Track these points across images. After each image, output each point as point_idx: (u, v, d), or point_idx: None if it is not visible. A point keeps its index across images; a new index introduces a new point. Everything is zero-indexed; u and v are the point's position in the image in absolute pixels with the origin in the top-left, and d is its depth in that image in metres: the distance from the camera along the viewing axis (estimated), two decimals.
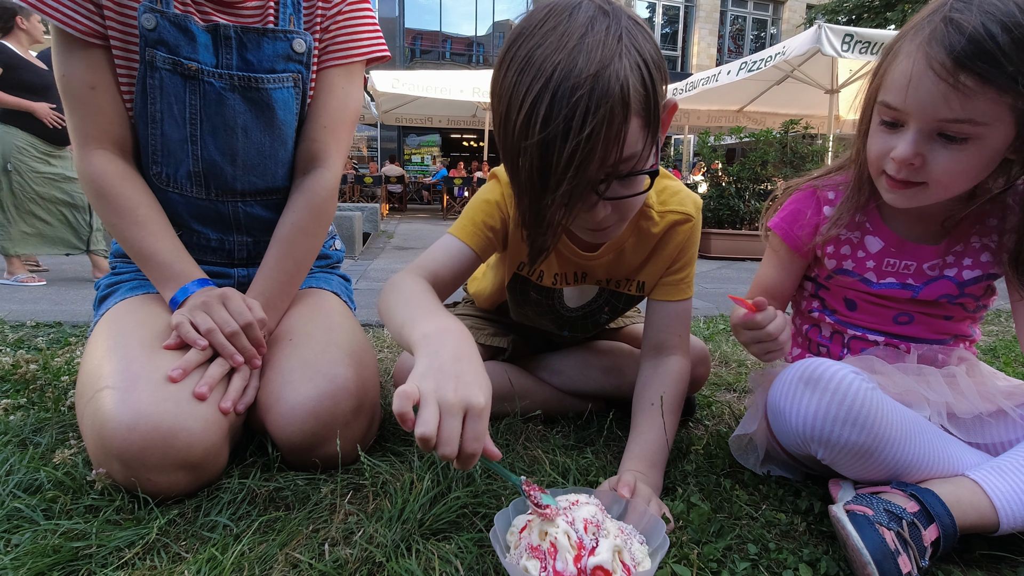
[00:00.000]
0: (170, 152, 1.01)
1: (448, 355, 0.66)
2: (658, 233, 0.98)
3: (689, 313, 1.03)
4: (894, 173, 0.79)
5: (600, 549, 0.60)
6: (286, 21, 1.05)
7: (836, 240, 0.95)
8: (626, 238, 0.98)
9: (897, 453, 0.75)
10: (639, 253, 1.00)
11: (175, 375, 0.83)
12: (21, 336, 1.76)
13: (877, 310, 0.94)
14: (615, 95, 0.67)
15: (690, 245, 1.01)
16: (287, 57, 1.04)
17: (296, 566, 0.68)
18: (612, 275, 1.04)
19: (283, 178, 1.10)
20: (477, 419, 0.62)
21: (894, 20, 13.01)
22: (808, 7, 17.37)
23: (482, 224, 0.95)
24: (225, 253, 1.12)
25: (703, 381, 1.17)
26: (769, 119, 8.68)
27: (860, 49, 5.21)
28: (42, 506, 0.77)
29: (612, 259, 1.01)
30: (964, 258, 0.88)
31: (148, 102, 0.98)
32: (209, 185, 1.05)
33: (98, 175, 0.97)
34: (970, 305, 0.92)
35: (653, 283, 1.03)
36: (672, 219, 0.98)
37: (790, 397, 0.78)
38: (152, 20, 0.94)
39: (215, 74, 0.99)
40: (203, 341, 0.88)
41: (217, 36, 0.99)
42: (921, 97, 0.72)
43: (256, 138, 1.05)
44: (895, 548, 0.65)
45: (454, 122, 12.86)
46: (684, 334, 1.02)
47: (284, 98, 1.05)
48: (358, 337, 1.06)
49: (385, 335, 1.92)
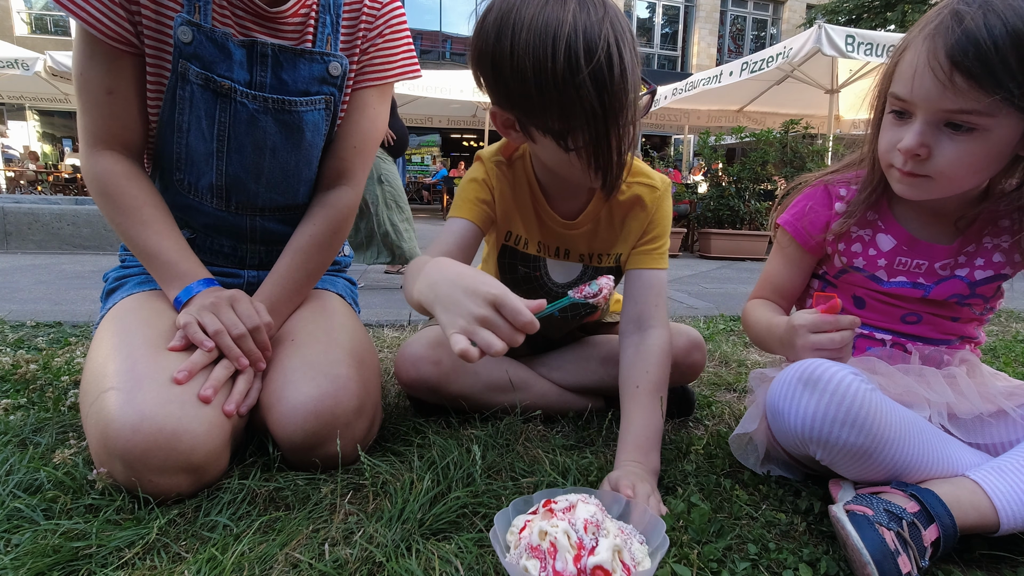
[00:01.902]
0: (193, 162, 1.01)
1: (447, 283, 0.73)
2: (625, 201, 1.05)
3: (665, 284, 1.08)
4: (901, 165, 0.80)
5: (600, 549, 0.60)
6: (323, 42, 1.03)
7: (847, 237, 0.94)
8: (600, 209, 1.06)
9: (896, 454, 0.75)
10: (613, 223, 1.07)
11: (180, 377, 0.83)
12: (21, 336, 1.76)
13: (886, 308, 0.93)
14: (627, 27, 0.81)
15: (660, 217, 1.07)
16: (322, 80, 1.03)
17: (296, 566, 0.68)
18: (591, 249, 1.10)
19: (304, 195, 1.11)
20: (507, 303, 0.68)
21: (894, 20, 13.02)
22: (808, 7, 17.37)
23: (475, 199, 1.04)
24: (237, 259, 1.12)
25: (700, 367, 1.17)
26: (769, 119, 8.68)
27: (865, 50, 5.22)
28: (42, 506, 0.77)
29: (590, 230, 1.07)
30: (976, 258, 0.88)
31: (176, 112, 0.97)
32: (230, 199, 1.05)
33: (104, 174, 0.96)
34: (979, 307, 0.92)
35: (628, 254, 1.09)
36: (638, 189, 1.05)
37: (789, 398, 0.78)
38: (189, 34, 0.92)
39: (248, 95, 0.98)
40: (210, 343, 0.88)
41: (253, 53, 0.97)
42: (926, 88, 0.73)
43: (282, 158, 1.04)
44: (895, 548, 0.65)
45: (454, 122, 12.86)
46: (662, 305, 1.05)
47: (315, 120, 1.04)
48: (361, 338, 1.06)
49: (386, 336, 1.92)
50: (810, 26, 6.76)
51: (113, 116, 0.95)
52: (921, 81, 0.74)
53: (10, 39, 9.03)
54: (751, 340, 1.06)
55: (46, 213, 4.39)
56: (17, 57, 7.16)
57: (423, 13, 16.95)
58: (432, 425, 1.10)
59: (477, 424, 1.11)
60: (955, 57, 0.70)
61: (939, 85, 0.72)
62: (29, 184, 11.36)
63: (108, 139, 0.97)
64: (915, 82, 0.74)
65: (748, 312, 1.04)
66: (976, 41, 0.68)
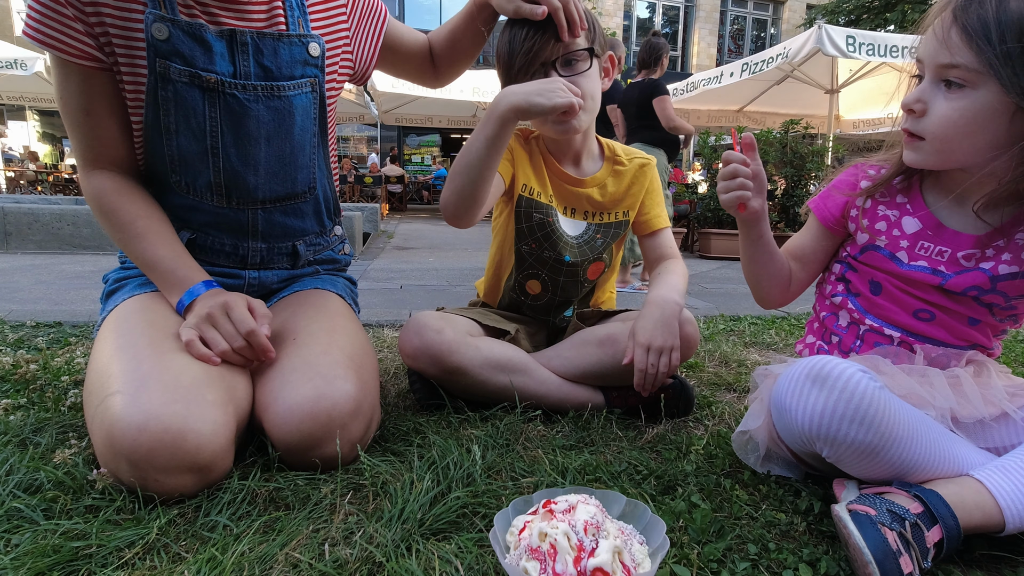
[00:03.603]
0: (188, 163, 1.01)
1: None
2: (629, 169, 1.31)
3: (671, 236, 1.36)
4: (902, 124, 0.85)
5: (600, 551, 0.60)
6: (295, 24, 1.04)
7: (872, 214, 0.95)
8: (605, 177, 1.29)
9: (903, 452, 0.75)
10: (619, 187, 1.30)
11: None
12: (21, 336, 1.76)
13: (901, 297, 0.92)
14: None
15: (654, 189, 1.34)
16: (304, 62, 1.04)
17: (296, 566, 0.68)
18: (597, 208, 1.30)
19: (302, 183, 1.11)
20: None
21: (893, 21, 13.01)
22: (808, 7, 17.35)
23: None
24: (239, 258, 1.12)
25: (694, 342, 1.17)
26: (769, 119, 8.68)
27: (867, 51, 5.22)
28: (42, 506, 0.77)
29: (596, 192, 1.29)
30: (1004, 252, 0.86)
31: (161, 114, 0.97)
32: (231, 195, 1.05)
33: (97, 194, 0.99)
34: (999, 308, 0.90)
35: (633, 213, 1.32)
36: (638, 161, 1.32)
37: (796, 395, 0.78)
38: (164, 31, 0.92)
39: (237, 85, 0.98)
40: (217, 360, 0.90)
41: (234, 43, 0.98)
42: (929, 44, 0.81)
43: (277, 146, 1.05)
44: (897, 548, 0.65)
45: (454, 122, 12.85)
46: (674, 247, 1.34)
47: (304, 104, 1.05)
48: (359, 339, 1.06)
49: (386, 336, 1.92)
50: (810, 26, 6.76)
51: (95, 136, 0.98)
52: (927, 39, 0.81)
53: (10, 39, 9.01)
54: (745, 276, 1.07)
55: (46, 213, 4.38)
56: (16, 57, 7.15)
57: (423, 13, 16.94)
58: (432, 425, 1.10)
59: (477, 424, 1.11)
60: (957, 12, 0.77)
61: (937, 41, 0.79)
62: (29, 184, 11.35)
63: (96, 158, 0.99)
64: (922, 41, 0.82)
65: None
66: (983, 4, 0.75)
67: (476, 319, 1.25)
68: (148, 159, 1.03)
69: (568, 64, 1.10)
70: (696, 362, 1.67)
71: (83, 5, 0.90)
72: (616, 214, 1.32)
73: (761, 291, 1.05)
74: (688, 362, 1.65)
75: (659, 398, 1.18)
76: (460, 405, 1.19)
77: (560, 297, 1.33)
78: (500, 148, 1.01)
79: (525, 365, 1.19)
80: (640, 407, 1.21)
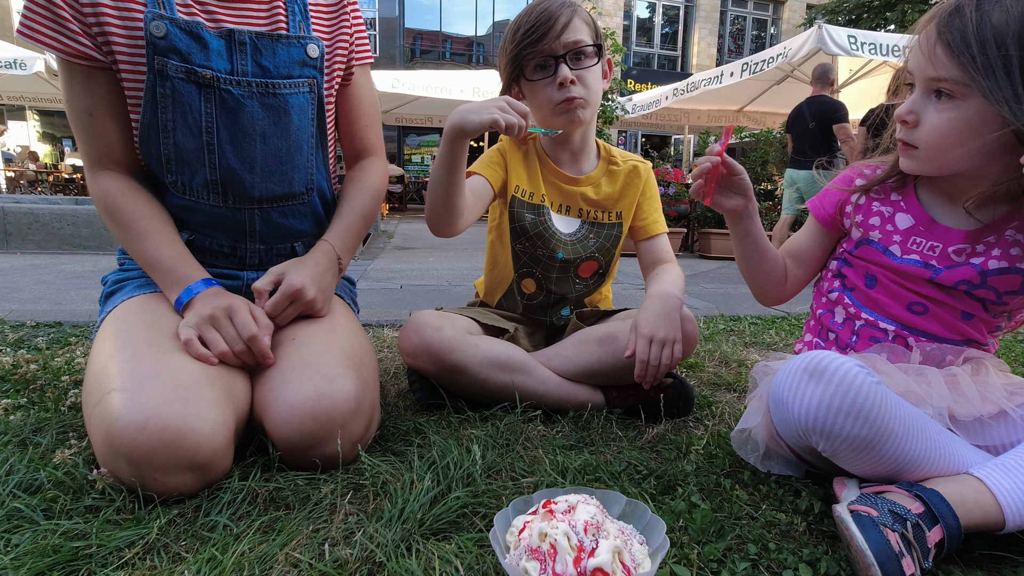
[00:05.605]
0: (184, 161, 1.01)
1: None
2: (623, 170, 1.34)
3: (668, 242, 1.37)
4: (897, 134, 0.88)
5: (600, 551, 0.60)
6: (296, 28, 1.05)
7: (867, 209, 0.97)
8: (600, 176, 1.32)
9: (899, 448, 0.75)
10: (613, 187, 1.33)
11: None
12: (21, 336, 1.76)
13: (895, 289, 0.94)
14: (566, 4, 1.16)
15: (651, 194, 1.36)
16: (302, 63, 1.04)
17: (296, 566, 0.68)
18: (591, 206, 1.33)
19: (299, 183, 1.11)
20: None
21: (893, 20, 12.99)
22: (808, 7, 17.35)
23: (487, 161, 1.28)
24: (237, 259, 1.12)
25: (694, 340, 1.18)
26: (769, 119, 8.69)
27: (869, 49, 5.22)
28: (42, 506, 0.77)
29: (591, 190, 1.31)
30: (994, 248, 0.88)
31: (159, 111, 0.97)
32: (227, 193, 1.05)
33: (102, 194, 1.00)
34: (991, 303, 0.90)
35: (628, 216, 1.35)
36: (632, 163, 1.35)
37: (794, 388, 0.78)
38: (162, 28, 0.93)
39: (232, 81, 0.99)
40: (214, 360, 0.90)
41: (232, 42, 0.98)
42: (916, 58, 0.83)
43: (273, 144, 1.05)
44: (899, 550, 0.65)
45: None
46: (671, 252, 1.36)
47: (300, 103, 1.05)
48: (359, 339, 1.06)
49: (386, 336, 1.92)
50: (810, 26, 6.76)
51: (99, 136, 0.99)
52: (915, 53, 0.84)
53: (10, 39, 9.01)
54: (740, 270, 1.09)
55: (46, 213, 4.39)
56: (16, 57, 7.14)
57: (423, 13, 16.95)
58: (432, 425, 1.10)
59: (477, 424, 1.11)
60: (940, 27, 0.79)
61: (923, 56, 0.82)
62: (29, 184, 11.35)
63: (101, 159, 1.00)
64: (911, 55, 0.85)
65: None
66: (963, 17, 0.77)
67: (475, 318, 1.25)
68: (146, 160, 1.03)
69: (577, 58, 1.17)
70: (696, 362, 1.67)
71: (81, 5, 0.91)
72: (610, 215, 1.34)
73: (755, 287, 1.09)
74: (688, 362, 1.65)
75: (659, 398, 1.18)
76: (460, 405, 1.19)
77: (554, 295, 1.34)
78: (456, 165, 1.02)
79: (525, 364, 1.19)
80: (640, 407, 1.21)
